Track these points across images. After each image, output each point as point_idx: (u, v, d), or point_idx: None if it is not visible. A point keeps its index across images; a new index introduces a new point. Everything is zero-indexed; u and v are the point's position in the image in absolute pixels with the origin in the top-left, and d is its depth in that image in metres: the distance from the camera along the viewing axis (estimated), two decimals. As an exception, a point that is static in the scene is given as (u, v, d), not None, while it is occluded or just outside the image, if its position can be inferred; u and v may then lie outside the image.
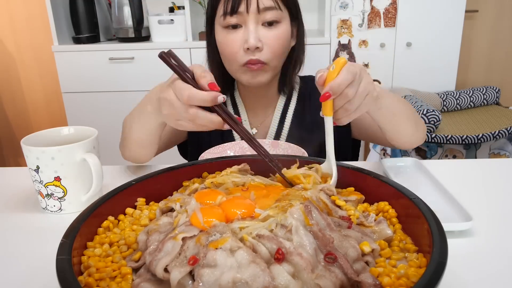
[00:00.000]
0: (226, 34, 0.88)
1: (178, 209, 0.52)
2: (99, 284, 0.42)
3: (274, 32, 0.88)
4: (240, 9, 0.85)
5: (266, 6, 0.86)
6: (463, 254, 0.52)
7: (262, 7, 0.86)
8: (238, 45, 0.88)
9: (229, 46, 0.89)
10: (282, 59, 0.93)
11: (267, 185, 0.58)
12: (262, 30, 0.87)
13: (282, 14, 0.89)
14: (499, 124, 2.16)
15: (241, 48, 0.87)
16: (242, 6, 0.85)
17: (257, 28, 0.87)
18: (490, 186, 0.73)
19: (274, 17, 0.87)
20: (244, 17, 0.86)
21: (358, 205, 0.55)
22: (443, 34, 2.36)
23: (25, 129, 2.86)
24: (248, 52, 0.87)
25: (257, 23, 0.87)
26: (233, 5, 0.85)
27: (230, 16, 0.86)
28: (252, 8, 0.85)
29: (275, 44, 0.88)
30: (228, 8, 0.86)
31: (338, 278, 0.39)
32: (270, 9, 0.86)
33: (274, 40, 0.88)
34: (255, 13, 0.86)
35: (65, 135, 0.72)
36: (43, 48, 2.68)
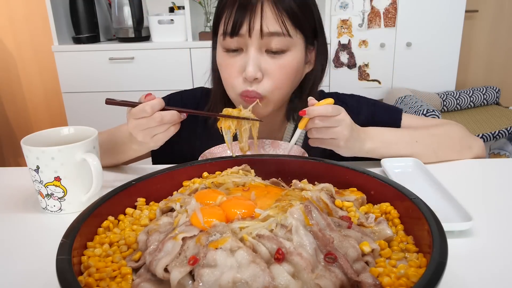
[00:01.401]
0: (226, 57, 0.78)
1: (178, 209, 0.52)
2: (99, 284, 0.42)
3: (279, 61, 0.76)
4: (241, 31, 0.74)
5: (271, 31, 0.74)
6: (463, 254, 0.52)
7: (266, 31, 0.73)
8: (236, 71, 0.77)
9: (227, 70, 0.79)
10: (287, 91, 0.81)
11: (267, 185, 0.58)
12: (264, 58, 0.76)
13: (292, 41, 0.76)
14: (499, 124, 2.16)
15: (240, 75, 0.77)
16: (244, 28, 0.74)
17: (258, 55, 0.76)
18: (490, 186, 0.73)
19: (280, 45, 0.75)
20: (246, 41, 0.75)
21: (361, 206, 0.55)
22: (443, 34, 2.36)
23: (25, 129, 2.86)
24: (246, 82, 0.77)
25: (259, 49, 0.76)
26: (234, 26, 0.74)
27: (231, 38, 0.75)
28: (255, 31, 0.73)
29: (278, 76, 0.77)
30: (228, 29, 0.75)
31: (338, 278, 0.39)
32: (277, 35, 0.74)
33: (277, 70, 0.76)
34: (258, 38, 0.74)
35: (65, 135, 0.72)
36: (43, 48, 2.68)
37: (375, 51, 2.41)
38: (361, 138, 0.76)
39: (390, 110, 0.92)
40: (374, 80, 2.47)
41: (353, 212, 0.52)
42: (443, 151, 0.83)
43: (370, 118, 0.89)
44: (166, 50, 2.31)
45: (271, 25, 0.74)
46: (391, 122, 0.88)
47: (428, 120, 0.92)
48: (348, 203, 0.54)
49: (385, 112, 0.91)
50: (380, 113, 0.90)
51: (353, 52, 2.41)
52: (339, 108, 0.71)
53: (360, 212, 0.53)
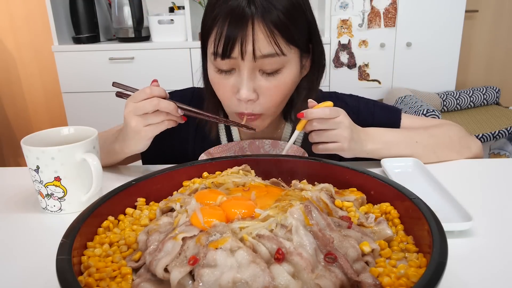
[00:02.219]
0: (218, 77, 0.75)
1: (178, 209, 0.52)
2: (99, 284, 0.42)
3: (274, 82, 0.74)
4: (233, 55, 0.70)
5: (265, 54, 0.70)
6: (463, 254, 0.52)
7: (259, 54, 0.70)
8: (230, 92, 0.75)
9: (220, 90, 0.77)
10: (283, 104, 0.80)
11: (267, 185, 0.58)
12: (259, 78, 0.73)
13: (286, 59, 0.73)
14: (499, 124, 2.16)
15: (234, 96, 0.75)
16: (236, 51, 0.70)
17: (252, 76, 0.73)
18: (490, 186, 0.73)
19: (275, 65, 0.72)
20: (238, 63, 0.72)
21: (361, 206, 0.55)
22: (443, 34, 2.37)
23: (25, 129, 2.86)
24: (241, 102, 0.75)
25: (253, 71, 0.72)
26: (225, 49, 0.70)
27: (222, 60, 0.72)
28: (248, 55, 0.70)
29: (274, 95, 0.75)
30: (219, 50, 0.71)
31: (338, 278, 0.39)
32: (270, 56, 0.71)
33: (273, 89, 0.74)
34: (251, 61, 0.71)
35: (65, 135, 0.72)
36: (43, 48, 2.68)
37: (375, 51, 2.41)
38: (362, 139, 0.76)
39: (389, 110, 0.92)
40: (374, 80, 2.47)
41: (353, 212, 0.52)
42: (443, 151, 0.84)
43: (370, 118, 0.89)
44: (166, 50, 2.31)
45: (264, 48, 0.70)
46: (391, 122, 0.88)
47: (427, 121, 0.92)
48: (348, 203, 0.54)
49: (385, 112, 0.91)
50: (380, 113, 0.90)
51: (353, 52, 2.41)
52: (338, 110, 0.71)
53: (360, 212, 0.53)
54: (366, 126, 0.81)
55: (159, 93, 0.70)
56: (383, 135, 0.80)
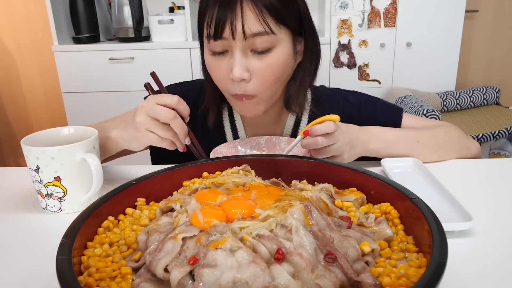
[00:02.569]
0: (212, 59, 0.77)
1: (178, 209, 0.52)
2: (99, 284, 0.42)
3: (265, 61, 0.75)
4: (224, 35, 0.72)
5: (254, 32, 0.72)
6: (463, 254, 0.52)
7: (249, 33, 0.72)
8: (224, 74, 0.77)
9: (215, 72, 0.78)
10: (277, 87, 0.80)
11: (267, 185, 0.58)
12: (250, 58, 0.75)
13: (276, 38, 0.74)
14: (499, 124, 2.16)
15: (227, 77, 0.76)
16: (227, 31, 0.72)
17: (244, 56, 0.74)
18: (490, 186, 0.73)
19: (265, 44, 0.73)
20: (230, 43, 0.73)
21: (361, 206, 0.55)
22: (443, 34, 2.36)
23: (25, 129, 2.86)
24: (234, 83, 0.76)
25: (244, 51, 0.74)
26: (217, 29, 0.72)
27: (215, 41, 0.74)
28: (238, 34, 0.72)
29: (265, 75, 0.76)
30: (211, 32, 0.73)
31: (338, 278, 0.39)
32: (260, 34, 0.72)
33: (265, 69, 0.75)
34: (241, 40, 0.72)
35: (65, 135, 0.72)
36: (43, 48, 2.68)
37: (375, 51, 2.41)
38: (363, 139, 0.77)
39: (391, 108, 0.92)
40: (374, 80, 2.47)
41: (353, 212, 0.52)
42: (443, 151, 0.84)
43: (371, 116, 0.90)
44: (166, 50, 2.31)
45: (253, 26, 0.72)
46: (392, 121, 0.89)
47: (427, 121, 0.93)
48: (348, 203, 0.54)
49: (386, 111, 0.91)
50: (381, 111, 0.91)
51: (353, 52, 2.41)
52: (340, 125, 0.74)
53: (360, 212, 0.53)
54: (367, 123, 0.82)
55: (183, 110, 0.69)
56: (385, 134, 0.81)
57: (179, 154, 0.93)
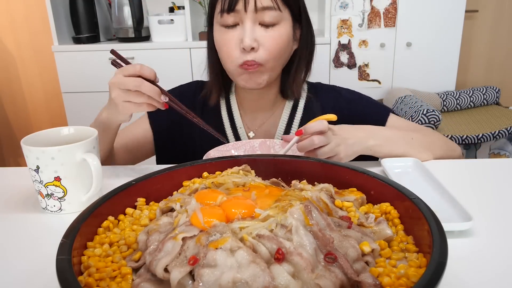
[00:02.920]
0: (224, 33, 0.86)
1: (178, 209, 0.52)
2: (99, 284, 0.42)
3: (271, 33, 0.85)
4: (237, 7, 0.83)
5: (264, 6, 0.83)
6: (463, 254, 0.52)
7: (260, 6, 0.82)
8: (234, 44, 0.85)
9: (226, 45, 0.86)
10: (280, 60, 0.89)
11: (267, 185, 0.58)
12: (259, 30, 0.84)
13: (282, 15, 0.85)
14: (499, 124, 2.16)
15: (238, 48, 0.85)
16: (240, 4, 0.82)
17: (253, 27, 0.84)
18: (490, 186, 0.73)
19: (273, 18, 0.84)
20: (242, 16, 0.83)
21: (361, 206, 0.55)
22: (443, 34, 2.36)
23: (25, 129, 2.86)
24: (244, 52, 0.84)
25: (254, 23, 0.84)
26: (231, 3, 0.83)
27: (227, 14, 0.84)
28: (250, 6, 0.82)
29: (272, 45, 0.85)
30: (225, 5, 0.83)
31: (338, 278, 0.39)
32: (269, 9, 0.83)
33: (271, 40, 0.85)
34: (253, 12, 0.83)
35: (65, 135, 0.72)
36: (43, 48, 2.68)
37: (375, 51, 2.41)
38: (360, 137, 0.79)
39: (379, 106, 0.98)
40: (374, 80, 2.47)
41: (353, 212, 0.52)
42: (435, 150, 0.87)
43: (360, 111, 0.96)
44: (166, 50, 2.31)
45: (264, 1, 0.83)
46: (379, 118, 0.94)
47: (412, 124, 0.98)
48: (348, 203, 0.54)
49: (374, 107, 0.97)
50: (370, 108, 0.97)
51: (353, 52, 2.41)
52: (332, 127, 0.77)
53: (360, 212, 0.53)
54: (356, 117, 0.90)
55: (148, 73, 0.74)
56: (382, 131, 0.84)
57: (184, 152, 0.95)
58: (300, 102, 0.99)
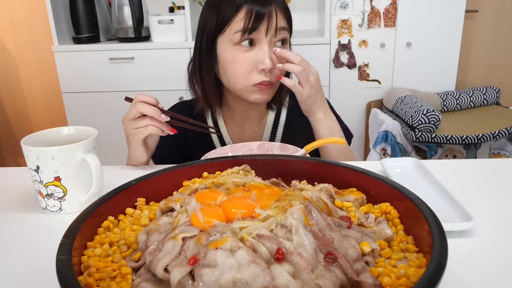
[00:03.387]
0: (238, 53, 0.86)
1: (178, 209, 0.52)
2: (99, 284, 0.42)
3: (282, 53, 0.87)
4: (260, 28, 0.84)
5: (282, 26, 0.86)
6: (463, 254, 0.52)
7: (279, 26, 0.86)
8: (251, 65, 0.86)
9: (241, 65, 0.87)
10: None
11: (267, 185, 0.58)
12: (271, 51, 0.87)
13: (288, 34, 0.90)
14: (499, 124, 2.16)
15: (255, 68, 0.86)
16: (264, 25, 0.84)
17: (270, 49, 0.86)
18: (490, 186, 0.73)
19: (285, 37, 0.88)
20: (260, 36, 0.85)
21: (361, 206, 0.55)
22: (443, 34, 2.36)
23: (25, 129, 2.86)
24: (262, 73, 0.86)
25: (270, 44, 0.86)
26: (255, 24, 0.84)
27: (249, 35, 0.85)
28: (272, 28, 0.85)
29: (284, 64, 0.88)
30: (249, 25, 0.84)
31: (338, 278, 0.39)
32: (284, 29, 0.87)
33: (284, 61, 0.87)
34: (272, 34, 0.86)
35: (65, 135, 0.72)
36: (43, 48, 2.68)
37: (375, 51, 2.41)
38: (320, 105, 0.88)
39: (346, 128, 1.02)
40: (374, 80, 2.47)
41: (353, 212, 0.52)
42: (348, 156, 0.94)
43: None
44: (166, 50, 2.31)
45: (282, 21, 0.87)
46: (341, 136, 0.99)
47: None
48: (348, 203, 0.54)
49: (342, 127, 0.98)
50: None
51: (353, 52, 2.41)
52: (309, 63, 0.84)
53: (360, 212, 0.53)
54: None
55: (146, 99, 0.79)
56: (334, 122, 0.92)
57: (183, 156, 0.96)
58: (282, 111, 1.03)
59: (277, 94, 0.97)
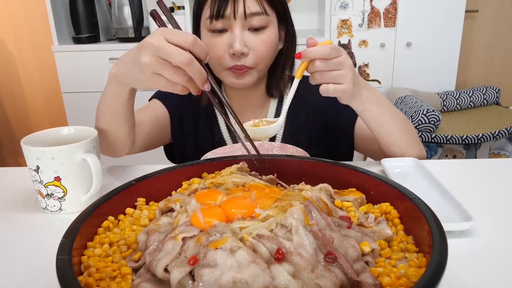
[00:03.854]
0: (211, 38, 0.86)
1: (178, 209, 0.52)
2: (99, 284, 0.42)
3: (261, 37, 0.86)
4: (226, 14, 0.83)
5: (253, 12, 0.83)
6: (463, 254, 0.52)
7: (248, 12, 0.83)
8: (223, 49, 0.85)
9: (214, 49, 0.86)
10: (269, 62, 0.91)
11: (267, 186, 0.58)
12: (248, 35, 0.85)
13: (269, 19, 0.86)
14: (499, 124, 2.16)
15: (227, 53, 0.85)
16: (228, 11, 0.82)
17: (243, 33, 0.84)
18: (490, 186, 0.73)
19: (261, 22, 0.85)
20: (230, 22, 0.84)
21: (361, 206, 0.55)
22: (443, 34, 2.36)
23: (25, 129, 2.86)
24: (234, 57, 0.85)
25: (243, 28, 0.84)
26: (219, 9, 0.82)
27: (216, 20, 0.84)
28: (239, 13, 0.82)
29: (261, 49, 0.86)
30: (214, 12, 0.83)
31: (338, 278, 0.39)
32: (257, 14, 0.84)
33: (260, 45, 0.86)
34: (242, 19, 0.83)
35: (65, 135, 0.72)
36: (43, 48, 2.68)
37: (375, 51, 2.41)
38: (361, 84, 0.74)
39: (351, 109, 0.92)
40: (374, 80, 2.47)
41: (352, 212, 0.52)
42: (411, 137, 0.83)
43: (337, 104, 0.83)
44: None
45: (252, 7, 0.83)
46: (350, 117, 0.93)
47: None
48: (348, 203, 0.54)
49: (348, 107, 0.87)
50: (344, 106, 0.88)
51: (353, 52, 2.41)
52: (339, 49, 0.68)
53: (360, 212, 0.53)
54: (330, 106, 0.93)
55: (200, 52, 0.57)
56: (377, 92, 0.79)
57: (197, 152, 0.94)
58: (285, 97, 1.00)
59: (276, 81, 0.96)
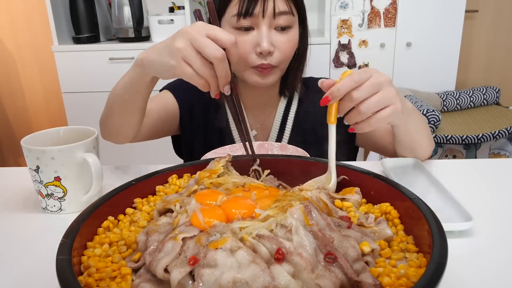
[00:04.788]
0: (237, 35, 0.85)
1: (178, 209, 0.52)
2: (99, 284, 0.42)
3: (286, 36, 0.87)
4: (255, 12, 0.83)
5: (281, 11, 0.84)
6: (463, 254, 0.52)
7: (277, 11, 0.84)
8: (249, 48, 0.86)
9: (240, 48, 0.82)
10: (289, 61, 0.92)
11: (267, 186, 0.58)
12: (274, 34, 0.86)
13: (294, 19, 0.87)
14: (499, 124, 2.16)
15: (253, 51, 0.86)
16: (258, 9, 0.83)
17: (270, 32, 0.85)
18: (490, 186, 0.73)
19: (287, 22, 0.86)
20: (258, 20, 0.84)
21: (360, 206, 0.55)
22: (443, 34, 2.36)
23: (25, 129, 2.86)
24: (260, 56, 0.86)
25: (270, 27, 0.85)
26: (248, 7, 0.83)
27: (244, 18, 0.84)
28: (268, 12, 0.83)
29: (287, 48, 0.87)
30: (242, 10, 0.83)
31: (338, 278, 0.39)
32: (285, 13, 0.85)
33: (286, 44, 0.87)
34: (270, 17, 0.84)
35: (65, 135, 0.72)
36: (43, 48, 2.68)
37: (375, 51, 2.41)
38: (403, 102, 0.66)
39: None
40: (374, 80, 2.47)
41: (352, 212, 0.52)
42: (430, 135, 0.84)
43: None
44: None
45: (281, 6, 0.84)
46: None
47: None
48: (348, 203, 0.54)
49: None
50: None
51: (353, 52, 2.41)
52: (367, 70, 0.60)
53: (360, 212, 0.53)
54: None
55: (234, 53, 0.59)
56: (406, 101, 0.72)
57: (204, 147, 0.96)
58: (294, 96, 1.02)
59: (291, 80, 0.96)
